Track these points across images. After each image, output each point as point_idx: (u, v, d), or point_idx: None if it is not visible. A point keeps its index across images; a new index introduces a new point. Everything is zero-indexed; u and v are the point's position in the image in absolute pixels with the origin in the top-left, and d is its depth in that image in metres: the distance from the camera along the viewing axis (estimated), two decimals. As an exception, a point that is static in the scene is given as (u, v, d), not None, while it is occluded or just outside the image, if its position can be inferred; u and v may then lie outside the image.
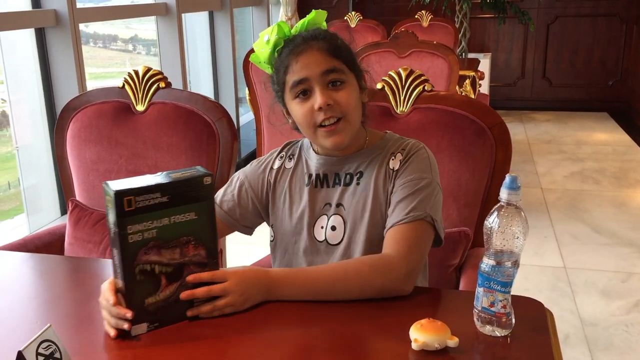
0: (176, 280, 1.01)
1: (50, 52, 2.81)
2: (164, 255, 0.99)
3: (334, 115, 1.15)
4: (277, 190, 1.29)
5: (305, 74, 1.15)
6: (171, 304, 1.01)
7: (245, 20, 5.86)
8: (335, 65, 1.15)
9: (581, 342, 2.29)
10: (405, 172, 1.18)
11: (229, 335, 0.98)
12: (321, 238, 1.23)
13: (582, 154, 4.91)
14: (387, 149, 1.23)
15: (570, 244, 3.19)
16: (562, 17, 6.36)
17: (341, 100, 1.15)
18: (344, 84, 1.16)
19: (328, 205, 1.23)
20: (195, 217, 1.00)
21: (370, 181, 1.21)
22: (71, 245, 1.68)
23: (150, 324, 1.00)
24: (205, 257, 1.03)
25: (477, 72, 4.27)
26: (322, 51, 1.15)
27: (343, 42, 1.20)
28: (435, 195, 1.17)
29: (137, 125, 1.72)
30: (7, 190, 2.97)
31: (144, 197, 0.95)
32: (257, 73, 3.43)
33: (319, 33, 1.18)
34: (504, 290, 0.94)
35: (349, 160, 1.23)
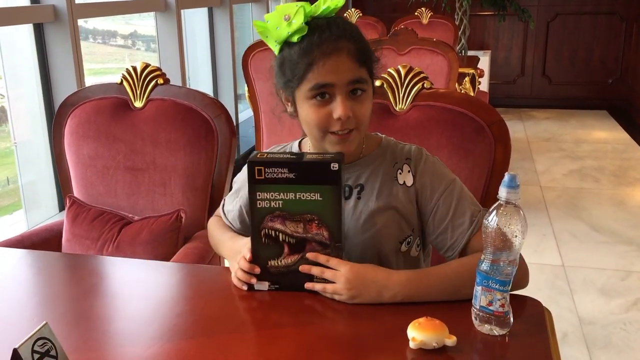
0: (298, 252, 1.10)
1: (48, 48, 2.80)
2: (288, 226, 1.09)
3: (349, 127, 1.10)
4: None
5: (331, 80, 1.06)
6: (292, 272, 1.11)
7: (244, 16, 5.85)
8: (362, 76, 1.09)
9: (579, 340, 2.29)
10: (430, 184, 1.16)
11: (227, 334, 0.98)
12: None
13: (581, 152, 4.91)
14: (387, 159, 1.18)
15: (569, 242, 3.19)
16: (562, 15, 6.35)
17: (359, 113, 1.09)
18: (364, 94, 1.10)
19: None
20: (320, 198, 1.07)
21: (372, 196, 1.16)
22: (69, 242, 1.67)
23: (271, 284, 1.11)
24: (327, 238, 1.09)
25: (477, 70, 4.27)
26: (351, 56, 1.06)
27: (368, 44, 1.11)
28: (464, 188, 1.18)
29: (135, 122, 1.71)
30: (5, 186, 2.96)
31: (272, 169, 1.06)
32: (256, 70, 3.43)
33: (347, 30, 1.08)
34: (502, 289, 0.94)
35: (347, 170, 1.17)
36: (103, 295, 1.16)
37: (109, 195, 1.72)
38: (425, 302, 1.04)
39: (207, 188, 1.68)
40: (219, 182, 1.68)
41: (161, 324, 1.03)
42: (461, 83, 4.07)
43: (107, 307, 1.11)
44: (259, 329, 0.99)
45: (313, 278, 1.09)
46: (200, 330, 1.00)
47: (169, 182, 1.68)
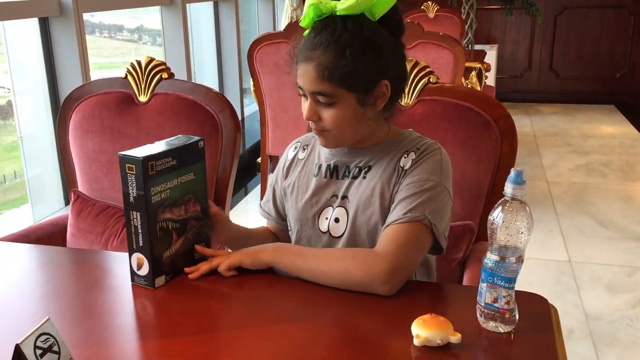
0: (183, 234, 1.16)
1: (54, 42, 2.80)
2: (175, 212, 1.13)
3: (318, 127, 1.16)
4: (288, 180, 1.31)
5: (300, 84, 1.14)
6: (179, 256, 1.15)
7: (250, 10, 5.83)
8: (323, 89, 1.10)
9: (585, 336, 2.28)
10: (414, 172, 1.15)
11: (228, 329, 0.98)
12: (324, 229, 1.23)
13: (588, 146, 4.88)
14: (401, 146, 1.20)
15: (576, 237, 3.17)
16: (570, 9, 6.30)
17: (326, 119, 1.14)
18: (334, 105, 1.12)
19: (335, 197, 1.22)
20: (194, 177, 1.15)
21: (376, 176, 1.19)
22: (73, 237, 1.68)
23: (166, 275, 1.13)
24: (200, 212, 1.18)
25: (484, 64, 4.25)
26: (315, 70, 1.09)
27: (348, 62, 1.08)
28: (440, 200, 1.13)
29: (140, 116, 1.71)
30: (13, 180, 2.97)
31: (161, 161, 1.07)
32: (262, 64, 3.42)
33: (331, 42, 1.08)
34: (507, 286, 0.93)
35: (362, 153, 1.22)
36: (107, 290, 1.16)
37: (113, 190, 1.71)
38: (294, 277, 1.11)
39: (212, 183, 1.67)
40: (224, 177, 1.67)
41: (164, 319, 1.03)
42: (468, 77, 4.05)
43: (111, 301, 1.11)
44: (259, 325, 0.98)
45: (197, 261, 1.17)
46: (203, 326, 1.00)
47: (174, 176, 1.68)
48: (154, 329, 1.01)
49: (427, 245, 1.12)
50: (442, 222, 1.13)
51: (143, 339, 0.97)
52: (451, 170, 1.19)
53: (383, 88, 1.14)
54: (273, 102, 3.51)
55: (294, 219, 1.28)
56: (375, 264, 1.05)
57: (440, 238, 1.12)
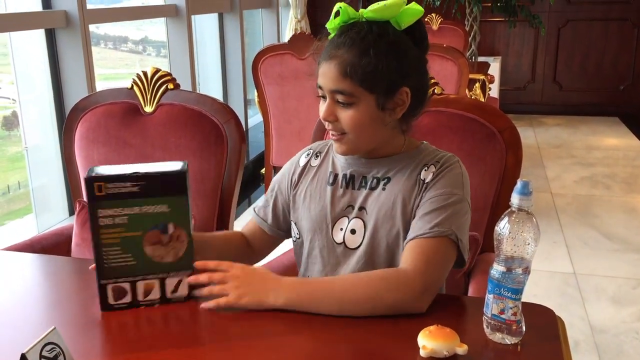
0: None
1: (60, 53, 2.82)
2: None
3: (335, 130, 1.15)
4: (299, 188, 1.28)
5: (321, 83, 1.14)
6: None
7: (254, 22, 5.86)
8: (344, 88, 1.10)
9: (591, 349, 2.27)
10: (436, 185, 1.14)
11: (234, 340, 0.97)
12: (339, 240, 1.21)
13: (592, 158, 4.87)
14: (420, 159, 1.18)
15: (580, 249, 3.16)
16: (573, 21, 6.32)
17: (344, 120, 1.13)
18: (353, 105, 1.11)
19: (350, 208, 1.20)
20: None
21: (397, 189, 1.16)
22: (78, 247, 1.68)
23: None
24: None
25: (487, 76, 4.25)
26: (337, 67, 1.09)
27: (371, 60, 1.08)
28: (463, 214, 1.13)
29: (145, 127, 1.71)
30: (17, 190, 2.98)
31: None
32: (266, 75, 3.43)
33: (355, 40, 1.09)
34: (514, 298, 0.93)
35: (379, 163, 1.20)
36: (112, 300, 1.15)
37: (118, 200, 1.71)
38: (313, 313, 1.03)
39: (217, 193, 1.67)
40: (229, 187, 1.68)
41: (171, 329, 1.03)
42: (471, 89, 4.06)
43: (116, 312, 1.11)
44: (266, 337, 0.98)
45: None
46: (209, 337, 1.00)
47: (179, 187, 1.68)
48: (161, 340, 1.01)
49: (453, 260, 1.11)
50: (465, 234, 1.13)
51: (149, 350, 0.96)
52: (469, 183, 1.18)
53: (403, 95, 1.13)
54: (277, 113, 3.52)
55: (306, 228, 1.25)
56: (408, 284, 1.03)
57: (464, 252, 1.12)
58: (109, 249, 1.05)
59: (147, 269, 1.09)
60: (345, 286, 1.06)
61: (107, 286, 1.06)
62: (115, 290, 1.07)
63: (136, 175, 1.03)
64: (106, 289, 1.06)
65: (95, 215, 1.02)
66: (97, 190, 1.01)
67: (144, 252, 1.07)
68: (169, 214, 1.06)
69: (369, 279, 1.07)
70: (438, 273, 1.08)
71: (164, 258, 1.09)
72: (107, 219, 1.03)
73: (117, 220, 1.03)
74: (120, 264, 1.06)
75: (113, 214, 1.03)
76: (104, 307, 1.07)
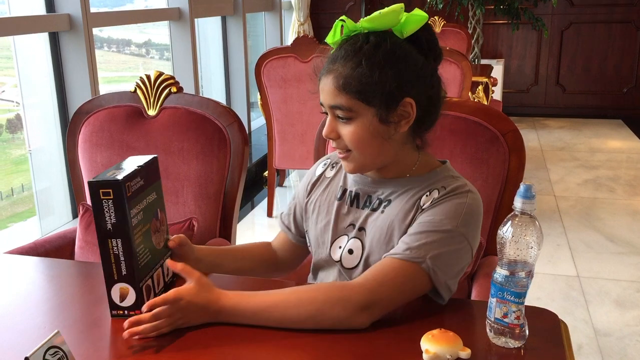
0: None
1: (63, 56, 2.83)
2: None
3: (340, 147, 1.11)
4: (312, 197, 1.27)
5: (322, 99, 1.11)
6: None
7: (257, 25, 5.87)
8: (341, 103, 1.06)
9: (595, 352, 2.26)
10: (430, 211, 1.06)
11: (237, 343, 0.97)
12: (337, 258, 1.19)
13: (595, 161, 4.86)
14: (428, 183, 1.11)
15: (584, 252, 3.15)
16: (576, 24, 6.31)
17: (346, 137, 1.08)
18: (352, 120, 1.07)
19: (351, 227, 1.18)
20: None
21: (394, 212, 1.11)
22: (81, 250, 1.68)
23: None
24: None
25: (490, 79, 4.25)
26: (333, 82, 1.06)
27: (365, 71, 1.04)
28: (449, 245, 1.04)
29: (149, 130, 1.71)
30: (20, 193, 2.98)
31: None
32: (269, 78, 3.43)
33: (347, 52, 1.06)
34: (517, 301, 0.93)
35: (385, 184, 1.15)
36: (115, 303, 1.16)
37: (121, 203, 1.72)
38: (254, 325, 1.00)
39: (220, 196, 1.68)
40: (232, 190, 1.68)
41: (174, 333, 1.03)
42: (474, 92, 4.05)
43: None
44: (270, 340, 0.98)
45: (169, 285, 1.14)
46: (214, 340, 0.99)
47: (182, 190, 1.68)
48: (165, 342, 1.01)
49: (418, 290, 1.04)
50: (448, 270, 1.04)
51: (153, 354, 0.96)
52: (476, 219, 1.09)
53: (407, 107, 1.07)
54: (280, 116, 3.52)
55: (313, 240, 1.24)
56: (350, 298, 0.98)
57: (440, 287, 1.03)
58: (139, 249, 1.04)
59: (156, 259, 1.11)
60: (288, 303, 1.01)
61: (143, 288, 1.06)
62: (147, 290, 1.08)
63: (141, 168, 1.06)
64: (143, 291, 1.05)
65: (129, 217, 1.00)
66: (127, 191, 1.00)
67: (152, 243, 1.09)
68: (157, 200, 1.11)
69: (314, 292, 1.01)
70: (389, 293, 1.01)
71: (160, 244, 1.13)
72: (134, 219, 1.03)
73: (139, 217, 1.04)
74: (145, 262, 1.07)
75: (136, 211, 1.03)
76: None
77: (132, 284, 1.04)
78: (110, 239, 1.01)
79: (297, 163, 3.63)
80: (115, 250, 1.02)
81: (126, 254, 1.02)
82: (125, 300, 1.05)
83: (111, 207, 0.99)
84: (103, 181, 0.99)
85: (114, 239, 1.01)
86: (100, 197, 0.99)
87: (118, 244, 1.01)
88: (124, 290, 1.04)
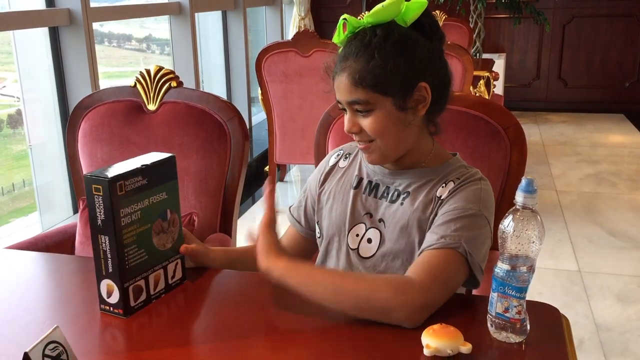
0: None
1: (63, 51, 2.82)
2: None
3: (362, 140, 1.13)
4: (325, 187, 1.28)
5: (338, 97, 1.13)
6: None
7: (258, 19, 5.86)
8: (358, 97, 1.08)
9: (596, 347, 2.26)
10: (451, 200, 1.10)
11: (236, 338, 0.97)
12: (353, 246, 1.20)
13: (597, 156, 4.85)
14: (443, 174, 1.15)
15: (585, 247, 3.15)
16: (578, 18, 6.29)
17: (367, 128, 1.10)
18: (372, 112, 1.09)
19: (368, 215, 1.19)
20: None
21: (414, 204, 1.13)
22: (82, 245, 1.68)
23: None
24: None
25: (492, 73, 4.24)
26: (348, 78, 1.08)
27: (379, 62, 1.06)
28: (478, 228, 1.07)
29: (149, 125, 1.71)
30: (22, 188, 2.98)
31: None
32: (270, 73, 3.43)
33: (357, 48, 1.09)
34: (518, 296, 0.92)
35: (403, 175, 1.17)
36: (115, 298, 1.15)
37: (122, 198, 1.71)
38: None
39: (220, 191, 1.67)
40: (232, 185, 1.67)
41: (173, 328, 1.03)
42: (476, 86, 4.05)
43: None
44: (269, 335, 0.98)
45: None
46: (212, 335, 0.99)
47: (182, 185, 1.68)
48: (164, 337, 1.00)
49: (462, 277, 1.05)
50: (480, 252, 1.06)
51: (151, 348, 0.96)
52: (492, 203, 1.13)
53: (423, 91, 1.10)
54: (281, 110, 3.52)
55: (326, 229, 1.25)
56: (409, 291, 0.98)
57: (475, 269, 1.05)
58: (129, 249, 1.04)
59: (155, 260, 1.10)
60: (347, 277, 1.06)
61: (129, 288, 1.05)
62: (135, 291, 1.06)
63: (145, 168, 1.04)
64: (128, 291, 1.05)
65: (118, 215, 1.00)
66: (119, 189, 0.99)
67: (153, 244, 1.08)
68: (167, 200, 1.10)
69: (374, 277, 1.06)
70: (442, 291, 1.02)
71: (166, 245, 1.11)
72: (126, 218, 1.02)
73: (133, 217, 1.03)
74: (137, 262, 1.06)
75: (130, 211, 1.02)
76: (127, 312, 1.05)
77: (116, 283, 1.03)
78: (100, 234, 1.02)
79: (298, 158, 3.62)
80: (104, 246, 1.02)
81: (112, 251, 1.02)
82: (111, 296, 1.05)
83: (101, 204, 1.00)
84: (95, 177, 0.99)
85: (102, 235, 1.02)
86: (93, 192, 1.00)
87: (106, 241, 1.02)
88: (110, 287, 1.04)
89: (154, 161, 1.07)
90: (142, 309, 1.07)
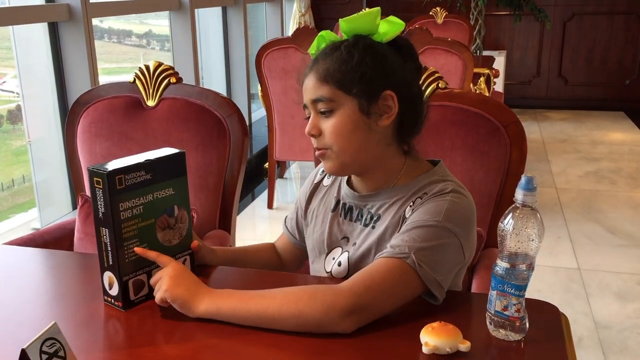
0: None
1: (63, 47, 2.82)
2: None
3: (320, 145, 1.10)
4: (311, 205, 1.27)
5: (304, 99, 1.11)
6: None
7: (258, 15, 5.85)
8: (322, 94, 1.06)
9: (595, 345, 2.26)
10: (412, 216, 1.05)
11: (235, 335, 0.97)
12: (328, 269, 1.19)
13: (597, 153, 4.85)
14: (414, 192, 1.09)
15: (585, 244, 3.15)
16: (579, 15, 6.28)
17: (327, 131, 1.07)
18: (334, 112, 1.07)
19: (345, 239, 1.18)
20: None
21: (383, 228, 1.10)
22: (81, 241, 1.67)
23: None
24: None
25: (492, 70, 4.23)
26: (315, 76, 1.07)
27: (347, 60, 1.05)
28: (435, 239, 1.00)
29: (148, 121, 1.71)
30: (21, 184, 2.98)
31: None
32: (270, 69, 3.42)
33: (328, 50, 1.09)
34: (518, 294, 0.92)
35: (372, 198, 1.14)
36: (113, 295, 1.15)
37: (121, 194, 1.71)
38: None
39: (219, 188, 1.67)
40: (231, 182, 1.67)
41: (171, 325, 1.02)
42: (476, 83, 4.04)
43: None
44: (269, 331, 0.98)
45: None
46: (209, 332, 0.99)
47: (181, 181, 1.68)
48: (162, 334, 1.00)
49: (409, 289, 1.00)
50: (435, 265, 0.99)
51: (150, 345, 0.96)
52: (464, 216, 1.05)
53: (389, 100, 1.06)
54: (281, 107, 3.51)
55: (310, 249, 1.25)
56: (335, 302, 0.94)
57: (429, 282, 0.99)
58: (129, 243, 1.04)
59: None
60: (273, 302, 0.97)
61: (128, 282, 1.05)
62: (135, 284, 1.07)
63: (149, 162, 1.04)
64: (128, 285, 1.05)
65: (117, 209, 1.00)
66: (118, 183, 1.00)
67: (157, 239, 1.08)
68: (174, 196, 1.09)
69: (295, 295, 0.98)
70: (378, 296, 0.97)
71: (172, 241, 1.11)
72: (127, 212, 1.02)
73: (135, 211, 1.03)
74: (138, 256, 1.06)
75: (131, 205, 1.02)
76: (126, 306, 1.05)
77: (116, 276, 1.04)
78: (101, 227, 1.03)
79: (298, 154, 3.62)
80: (105, 239, 1.03)
81: (112, 244, 1.02)
82: (112, 289, 1.06)
83: (101, 197, 1.00)
84: (95, 170, 1.00)
85: (103, 228, 1.03)
86: (95, 185, 1.00)
87: (106, 234, 1.02)
88: (111, 279, 1.06)
89: (158, 157, 1.06)
90: (143, 303, 1.07)
